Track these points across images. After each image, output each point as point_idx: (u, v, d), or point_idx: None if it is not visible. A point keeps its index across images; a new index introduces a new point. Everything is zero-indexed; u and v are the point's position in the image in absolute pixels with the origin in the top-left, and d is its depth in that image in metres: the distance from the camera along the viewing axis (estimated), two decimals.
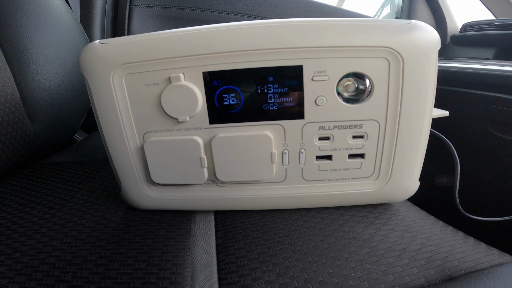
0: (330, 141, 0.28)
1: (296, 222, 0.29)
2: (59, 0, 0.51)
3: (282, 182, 0.30)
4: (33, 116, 0.42)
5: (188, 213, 0.32)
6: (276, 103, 0.26)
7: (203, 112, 0.27)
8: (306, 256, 0.25)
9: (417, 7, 0.96)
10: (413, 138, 0.27)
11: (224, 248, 0.27)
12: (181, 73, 0.25)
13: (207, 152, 0.28)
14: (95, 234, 0.28)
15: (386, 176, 0.29)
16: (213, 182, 0.30)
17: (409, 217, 0.30)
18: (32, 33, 0.42)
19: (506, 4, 0.90)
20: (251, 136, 0.27)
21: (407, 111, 0.26)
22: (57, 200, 0.34)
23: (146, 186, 0.31)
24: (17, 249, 0.26)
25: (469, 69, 0.58)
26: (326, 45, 0.24)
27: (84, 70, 0.26)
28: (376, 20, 0.25)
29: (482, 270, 0.23)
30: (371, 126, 0.27)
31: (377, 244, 0.26)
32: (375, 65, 0.25)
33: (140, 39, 0.26)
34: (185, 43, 0.25)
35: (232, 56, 0.25)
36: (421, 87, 0.25)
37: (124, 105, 0.27)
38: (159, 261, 0.25)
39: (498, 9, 0.90)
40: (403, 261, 0.24)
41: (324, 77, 0.25)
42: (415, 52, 0.24)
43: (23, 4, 0.42)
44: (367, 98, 0.26)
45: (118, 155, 0.29)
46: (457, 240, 0.27)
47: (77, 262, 0.25)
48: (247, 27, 0.25)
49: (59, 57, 0.46)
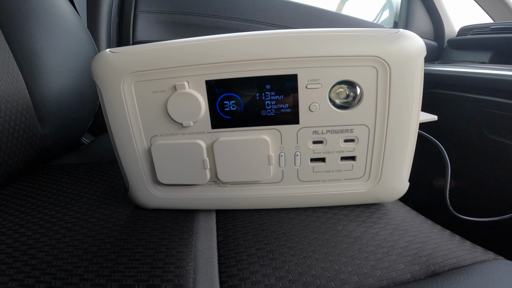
0: (323, 145, 0.29)
1: (292, 221, 0.31)
2: (67, 6, 0.51)
3: (279, 182, 0.31)
4: (43, 120, 0.43)
5: (191, 212, 0.33)
6: (273, 109, 0.27)
7: (205, 117, 0.28)
8: (301, 252, 0.26)
9: (415, 11, 0.96)
10: (401, 141, 0.28)
11: (225, 244, 0.28)
12: (185, 81, 0.27)
13: (209, 155, 0.29)
14: (104, 232, 0.30)
15: (376, 177, 0.30)
16: (214, 183, 0.31)
17: (399, 216, 0.31)
18: (42, 38, 0.43)
19: (503, 7, 0.90)
20: (250, 140, 0.28)
21: (394, 116, 0.27)
22: (67, 200, 0.36)
23: (152, 187, 0.32)
24: (32, 246, 0.28)
25: (464, 73, 0.59)
26: (319, 55, 0.25)
27: (96, 78, 0.27)
28: (365, 30, 0.26)
29: (465, 266, 0.24)
30: (361, 131, 0.28)
31: (368, 241, 0.27)
32: (364, 73, 0.26)
33: (147, 48, 0.27)
34: (189, 53, 0.26)
35: (232, 65, 0.26)
36: (407, 93, 0.26)
37: (133, 111, 0.28)
38: (164, 256, 0.26)
39: (496, 12, 0.91)
40: (391, 257, 0.25)
41: (317, 85, 0.26)
42: (401, 60, 0.25)
43: (34, 10, 0.43)
44: (357, 104, 0.27)
45: (127, 157, 0.30)
46: (443, 238, 0.28)
47: (88, 257, 0.26)
48: (246, 38, 0.26)
49: (68, 62, 0.47)
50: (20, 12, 0.41)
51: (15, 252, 0.27)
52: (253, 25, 0.80)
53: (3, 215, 0.33)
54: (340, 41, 0.25)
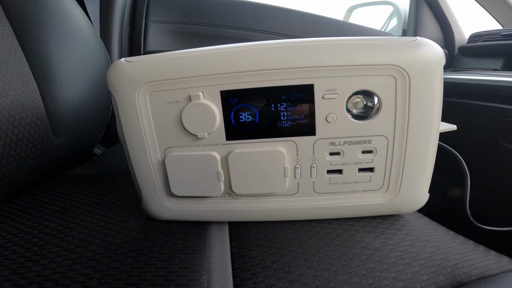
0: (340, 156, 0.28)
1: (307, 233, 0.30)
2: (81, 14, 0.52)
3: (294, 194, 0.30)
4: (57, 130, 0.43)
5: (203, 223, 0.33)
6: (289, 120, 0.27)
7: (220, 129, 0.28)
8: (318, 264, 0.26)
9: (424, 19, 0.96)
10: (421, 152, 0.27)
11: (239, 257, 0.28)
12: (200, 92, 0.26)
13: (224, 167, 0.29)
14: (117, 243, 0.29)
15: (396, 189, 0.29)
16: (228, 195, 0.31)
17: (419, 227, 0.30)
18: (57, 47, 0.43)
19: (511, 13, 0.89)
20: (265, 152, 0.28)
21: (414, 126, 0.26)
22: (80, 210, 0.36)
23: (165, 198, 0.32)
24: (45, 256, 0.27)
25: (478, 81, 0.58)
26: (336, 64, 0.25)
27: (111, 87, 0.27)
28: (382, 38, 0.26)
29: (492, 276, 0.24)
30: (379, 142, 0.27)
31: (388, 252, 0.27)
32: (382, 83, 0.25)
33: (162, 58, 0.27)
34: (204, 63, 0.26)
35: (247, 75, 0.26)
36: (427, 102, 0.26)
37: (148, 122, 0.28)
38: (178, 269, 0.26)
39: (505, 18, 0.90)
40: (413, 269, 0.25)
41: (334, 95, 0.26)
42: (420, 69, 0.25)
43: (49, 18, 0.43)
44: (376, 114, 0.26)
45: (141, 169, 0.30)
46: (467, 248, 0.27)
47: (102, 268, 0.26)
48: (261, 47, 0.26)
49: (81, 72, 0.47)
50: (36, 20, 0.42)
51: (27, 262, 0.27)
52: (262, 35, 0.81)
53: (15, 225, 0.33)
54: (357, 50, 0.25)
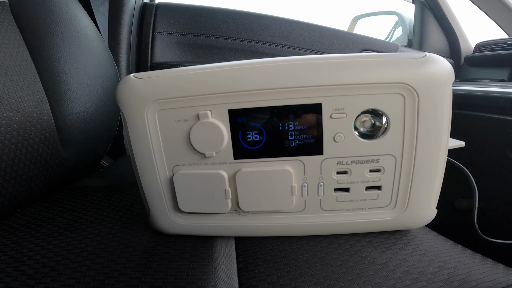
0: (347, 175, 0.28)
1: (314, 248, 0.30)
2: (91, 25, 0.52)
3: (301, 212, 0.30)
4: (65, 142, 0.43)
5: (210, 238, 0.33)
6: (296, 140, 0.27)
7: (228, 148, 0.28)
8: (325, 280, 0.26)
9: (429, 28, 0.95)
10: (430, 170, 0.27)
11: (245, 272, 0.28)
12: (208, 110, 0.26)
13: (231, 185, 0.29)
14: (124, 256, 0.30)
15: (403, 206, 0.29)
16: (235, 211, 0.31)
17: (427, 242, 0.30)
18: (67, 58, 0.43)
19: None
20: (272, 171, 0.28)
21: (423, 145, 0.26)
22: (88, 222, 0.36)
23: (173, 213, 0.32)
24: (54, 268, 0.28)
25: (485, 92, 0.57)
26: (344, 82, 0.25)
27: (120, 104, 0.27)
28: (390, 55, 0.25)
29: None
30: (387, 161, 0.27)
31: (395, 268, 0.26)
32: (391, 101, 0.25)
33: (171, 75, 0.26)
34: (213, 81, 0.26)
35: (255, 94, 0.26)
36: (436, 120, 0.25)
37: (156, 139, 0.28)
38: (185, 283, 0.26)
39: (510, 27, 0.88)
40: (420, 284, 0.24)
41: (342, 114, 0.26)
42: (429, 87, 0.24)
43: (59, 29, 0.43)
44: (384, 133, 0.26)
45: (149, 185, 0.30)
46: (475, 263, 0.27)
47: (110, 282, 0.26)
48: (269, 65, 0.26)
49: (91, 84, 0.47)
50: (46, 31, 0.42)
51: (37, 274, 0.27)
52: (267, 46, 0.82)
53: (24, 236, 0.33)
54: (365, 68, 0.24)
